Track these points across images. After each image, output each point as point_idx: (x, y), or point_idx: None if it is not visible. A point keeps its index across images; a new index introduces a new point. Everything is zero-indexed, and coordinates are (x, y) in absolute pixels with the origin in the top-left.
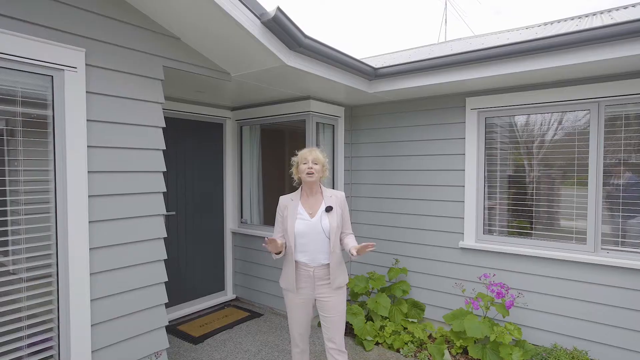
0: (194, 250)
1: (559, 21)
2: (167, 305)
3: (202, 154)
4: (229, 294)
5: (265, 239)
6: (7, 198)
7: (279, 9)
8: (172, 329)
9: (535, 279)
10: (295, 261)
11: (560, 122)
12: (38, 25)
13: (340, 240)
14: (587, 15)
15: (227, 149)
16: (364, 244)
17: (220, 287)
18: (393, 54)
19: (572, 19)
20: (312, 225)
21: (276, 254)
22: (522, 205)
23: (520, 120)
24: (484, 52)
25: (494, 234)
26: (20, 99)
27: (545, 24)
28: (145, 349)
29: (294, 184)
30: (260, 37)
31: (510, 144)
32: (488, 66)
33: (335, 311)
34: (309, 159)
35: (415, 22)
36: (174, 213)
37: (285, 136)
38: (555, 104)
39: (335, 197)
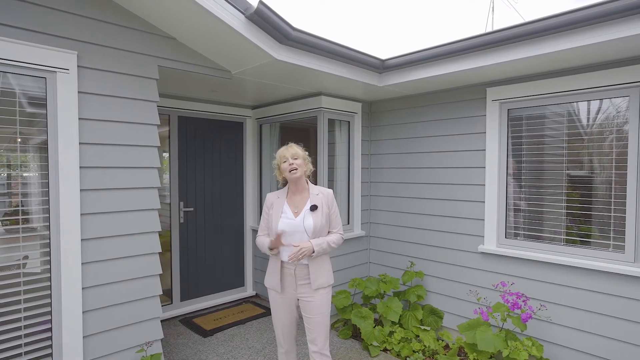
0: (213, 246)
1: None
2: (185, 298)
3: (222, 152)
4: (248, 290)
5: (278, 232)
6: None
7: (261, 2)
8: (187, 321)
9: (563, 290)
10: (281, 260)
11: (593, 112)
12: (31, 31)
13: None
14: None
15: (248, 148)
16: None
17: (240, 283)
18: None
19: None
20: (295, 225)
21: (271, 249)
22: (550, 207)
23: (547, 111)
24: (497, 35)
25: (518, 238)
26: (18, 100)
27: None
28: (137, 338)
29: (278, 186)
30: (245, 32)
31: (537, 139)
32: (506, 50)
33: (317, 312)
34: (288, 155)
35: (462, 15)
36: (192, 209)
37: (304, 134)
38: (587, 91)
39: (322, 194)
